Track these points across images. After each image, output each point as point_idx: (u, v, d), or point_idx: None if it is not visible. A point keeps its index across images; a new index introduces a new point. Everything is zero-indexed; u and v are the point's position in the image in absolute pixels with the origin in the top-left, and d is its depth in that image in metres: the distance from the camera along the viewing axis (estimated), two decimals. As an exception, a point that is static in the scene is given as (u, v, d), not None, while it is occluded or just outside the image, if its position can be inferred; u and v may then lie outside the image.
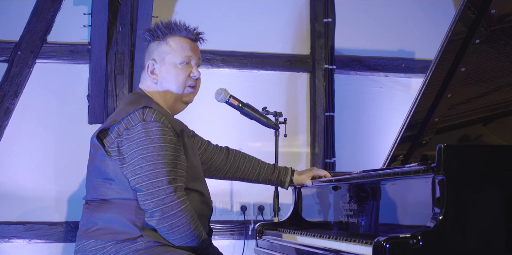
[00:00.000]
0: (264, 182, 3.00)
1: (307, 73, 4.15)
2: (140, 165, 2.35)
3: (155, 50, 2.59)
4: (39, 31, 3.76)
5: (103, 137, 2.44)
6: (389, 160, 2.89)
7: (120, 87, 3.81)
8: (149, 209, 2.34)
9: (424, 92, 2.68)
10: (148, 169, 2.35)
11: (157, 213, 2.33)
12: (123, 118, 2.41)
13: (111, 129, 2.43)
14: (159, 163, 2.36)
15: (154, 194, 2.33)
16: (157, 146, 2.37)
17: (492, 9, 2.47)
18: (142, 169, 2.35)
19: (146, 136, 2.37)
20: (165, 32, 2.57)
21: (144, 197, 2.34)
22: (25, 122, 3.77)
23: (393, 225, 2.28)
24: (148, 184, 2.34)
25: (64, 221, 3.75)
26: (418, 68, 4.25)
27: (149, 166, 2.35)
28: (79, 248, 2.44)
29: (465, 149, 2.03)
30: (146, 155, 2.36)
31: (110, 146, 2.42)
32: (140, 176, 2.35)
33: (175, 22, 2.59)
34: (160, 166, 2.35)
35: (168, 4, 3.97)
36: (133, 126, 2.39)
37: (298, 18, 4.17)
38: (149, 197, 2.34)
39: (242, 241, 3.93)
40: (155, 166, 2.35)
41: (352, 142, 4.17)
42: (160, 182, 2.34)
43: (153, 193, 2.33)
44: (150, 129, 2.38)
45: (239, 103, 3.06)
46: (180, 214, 2.35)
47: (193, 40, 2.62)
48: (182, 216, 2.35)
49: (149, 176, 2.34)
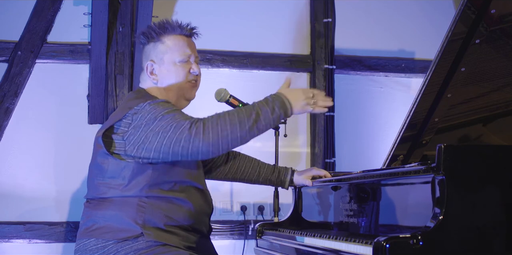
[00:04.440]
0: (264, 182, 3.00)
1: (307, 73, 4.15)
2: (155, 123, 2.31)
3: (152, 51, 2.59)
4: (39, 31, 3.76)
5: (109, 134, 2.43)
6: (389, 160, 2.89)
7: (120, 87, 3.81)
8: (183, 128, 2.27)
9: (424, 92, 2.68)
10: (161, 123, 2.30)
11: (191, 130, 2.26)
12: (128, 113, 2.39)
13: (116, 125, 2.42)
14: (171, 112, 2.33)
15: (177, 128, 2.27)
16: (167, 109, 2.35)
17: (492, 9, 2.47)
18: (157, 126, 2.30)
19: (155, 108, 2.35)
20: (159, 32, 2.57)
21: (171, 138, 2.27)
22: (25, 123, 3.77)
23: (393, 225, 2.28)
24: (168, 127, 2.29)
25: (64, 221, 3.75)
26: (418, 68, 4.25)
27: (162, 120, 2.31)
28: (80, 247, 2.45)
29: (465, 149, 2.03)
30: (159, 115, 2.32)
31: (117, 139, 2.39)
32: (158, 130, 2.30)
33: (168, 21, 2.59)
34: (172, 115, 2.32)
35: (168, 4, 3.97)
36: (141, 108, 2.37)
37: (298, 18, 4.17)
38: (175, 132, 2.28)
39: (242, 241, 3.93)
40: (171, 116, 2.32)
41: (352, 142, 4.17)
42: (177, 120, 2.30)
43: (175, 127, 2.28)
44: (158, 103, 2.38)
45: (239, 104, 3.06)
46: (215, 118, 2.29)
47: (188, 36, 2.62)
48: (221, 117, 2.30)
49: (168, 122, 2.30)
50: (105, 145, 2.42)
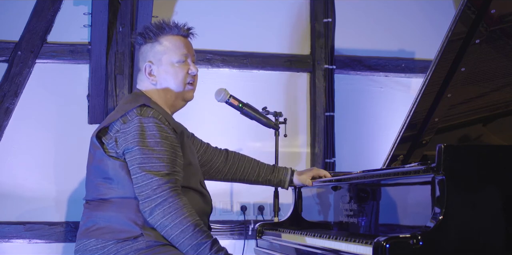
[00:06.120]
0: (264, 183, 3.00)
1: (307, 73, 4.15)
2: (135, 156, 2.37)
3: (150, 52, 2.59)
4: (39, 31, 3.76)
5: (102, 136, 2.46)
6: (389, 160, 2.89)
7: (120, 87, 3.81)
8: (142, 200, 2.35)
9: (424, 92, 2.68)
10: (142, 161, 2.36)
11: (148, 203, 2.33)
12: (122, 116, 2.43)
13: (110, 127, 2.46)
14: (153, 157, 2.37)
15: (147, 186, 2.34)
16: (152, 141, 2.39)
17: (492, 9, 2.47)
18: (137, 160, 2.36)
19: (143, 130, 2.39)
20: (156, 33, 2.57)
21: (139, 189, 2.36)
22: (25, 122, 3.77)
23: (393, 225, 2.28)
24: (142, 176, 2.35)
25: (64, 221, 3.75)
26: (418, 68, 4.25)
27: (143, 158, 2.36)
28: (80, 248, 2.45)
29: (465, 149, 2.03)
30: (141, 147, 2.37)
31: (108, 143, 2.43)
32: (134, 167, 2.37)
33: (165, 22, 2.60)
34: (154, 160, 2.36)
35: (168, 4, 3.97)
36: (130, 121, 2.41)
37: (298, 18, 4.17)
38: (144, 189, 2.34)
39: (242, 241, 3.93)
40: (149, 160, 2.36)
41: (352, 142, 4.17)
42: (153, 174, 2.34)
43: (146, 184, 2.34)
44: (147, 124, 2.40)
45: (239, 103, 3.06)
46: (171, 200, 2.33)
47: (185, 36, 2.63)
48: (173, 202, 2.33)
49: (143, 168, 2.35)
50: (100, 146, 2.44)
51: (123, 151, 2.40)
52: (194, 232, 2.32)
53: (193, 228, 2.32)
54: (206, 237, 2.33)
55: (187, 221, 2.32)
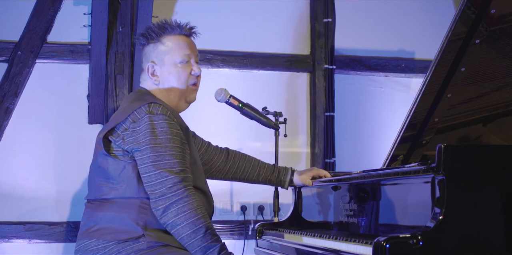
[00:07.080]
0: (264, 182, 3.00)
1: (307, 73, 4.15)
2: (148, 155, 2.36)
3: (153, 52, 2.58)
4: (39, 31, 3.76)
5: (109, 134, 2.45)
6: (389, 160, 2.89)
7: (120, 87, 3.81)
8: (156, 198, 2.33)
9: (424, 92, 2.68)
10: (155, 159, 2.35)
11: (163, 201, 2.33)
12: (130, 114, 2.42)
13: (117, 127, 2.44)
14: (166, 154, 2.36)
15: (162, 184, 2.33)
16: (164, 138, 2.38)
17: (492, 9, 2.47)
18: (150, 158, 2.36)
19: (153, 128, 2.38)
20: (159, 33, 2.57)
21: (153, 187, 2.34)
22: (25, 123, 3.77)
23: (393, 225, 2.28)
24: (156, 174, 2.34)
25: (64, 221, 3.75)
26: (418, 68, 4.25)
27: (156, 156, 2.36)
28: (80, 248, 2.44)
29: (465, 149, 2.03)
30: (154, 145, 2.36)
31: (115, 141, 2.43)
32: (147, 166, 2.36)
33: (167, 22, 2.59)
34: (167, 157, 2.36)
35: (168, 4, 3.97)
36: (140, 119, 2.40)
37: (298, 18, 4.17)
38: (158, 187, 2.34)
39: (242, 241, 3.93)
40: (163, 157, 2.36)
41: (352, 142, 4.17)
42: (167, 172, 2.34)
43: (161, 182, 2.33)
44: (157, 121, 2.39)
45: (239, 103, 3.06)
46: (187, 199, 2.33)
47: (188, 36, 2.62)
48: (188, 202, 2.33)
49: (157, 166, 2.35)
50: (104, 146, 2.43)
51: (132, 149, 2.40)
52: (206, 234, 2.33)
53: (204, 230, 2.33)
54: (216, 240, 2.34)
55: (200, 222, 2.33)
